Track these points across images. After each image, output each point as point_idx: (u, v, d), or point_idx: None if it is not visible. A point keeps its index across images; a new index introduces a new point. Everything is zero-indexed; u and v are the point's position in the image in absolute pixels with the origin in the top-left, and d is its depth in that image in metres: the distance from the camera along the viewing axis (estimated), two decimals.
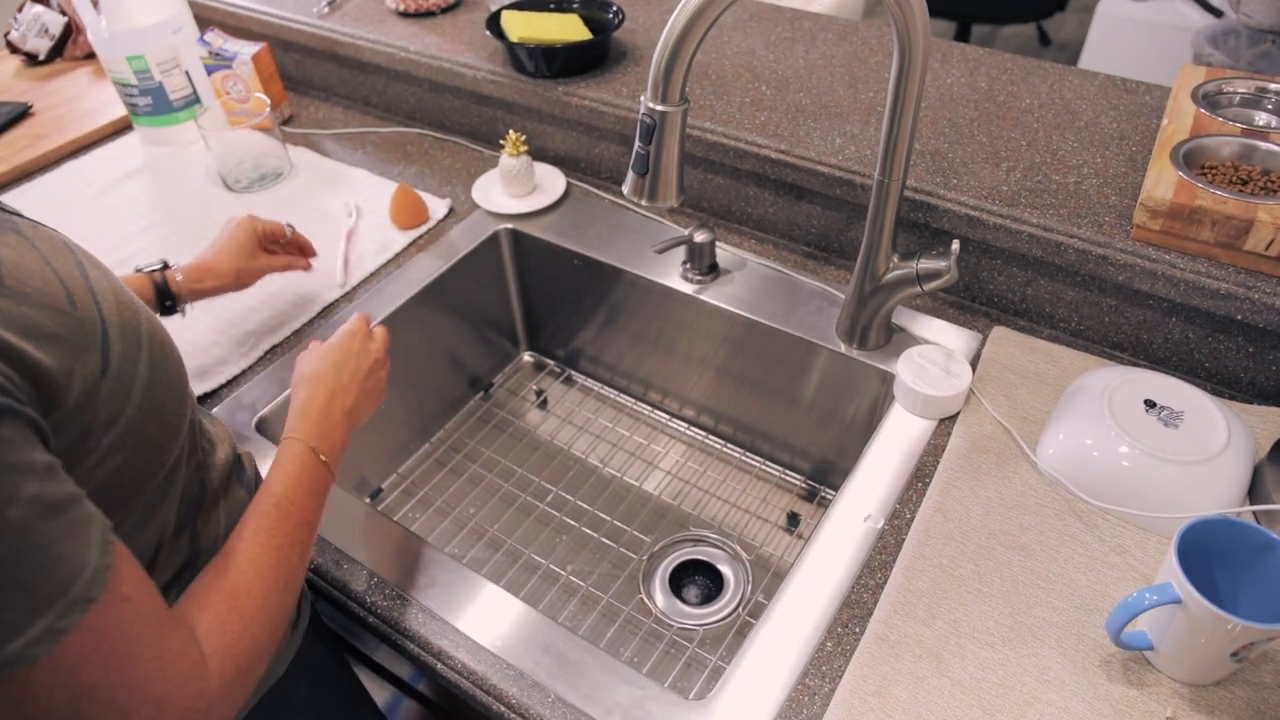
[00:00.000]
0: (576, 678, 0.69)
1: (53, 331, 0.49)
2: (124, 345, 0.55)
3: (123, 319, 0.56)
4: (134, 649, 0.49)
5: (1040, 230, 0.90)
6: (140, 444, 0.56)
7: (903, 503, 0.80)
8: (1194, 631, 0.61)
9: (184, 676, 0.51)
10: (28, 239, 0.54)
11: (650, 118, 0.69)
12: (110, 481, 0.54)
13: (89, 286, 0.55)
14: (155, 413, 0.57)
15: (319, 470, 0.69)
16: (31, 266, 0.52)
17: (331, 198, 1.23)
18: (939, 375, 0.86)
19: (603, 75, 1.18)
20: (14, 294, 0.48)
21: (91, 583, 0.46)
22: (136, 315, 0.58)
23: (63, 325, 0.50)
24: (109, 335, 0.54)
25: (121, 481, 0.55)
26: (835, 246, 1.09)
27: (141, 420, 0.55)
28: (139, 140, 1.39)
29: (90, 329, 0.53)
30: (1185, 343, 0.90)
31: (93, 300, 0.54)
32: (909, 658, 0.68)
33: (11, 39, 1.56)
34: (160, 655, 0.50)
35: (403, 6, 1.36)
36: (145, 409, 0.56)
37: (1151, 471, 0.74)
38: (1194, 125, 0.92)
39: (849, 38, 1.24)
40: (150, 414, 0.56)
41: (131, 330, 0.56)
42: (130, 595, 0.49)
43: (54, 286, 0.52)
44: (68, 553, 0.45)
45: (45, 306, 0.50)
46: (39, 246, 0.55)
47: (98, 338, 0.53)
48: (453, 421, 1.24)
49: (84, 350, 0.51)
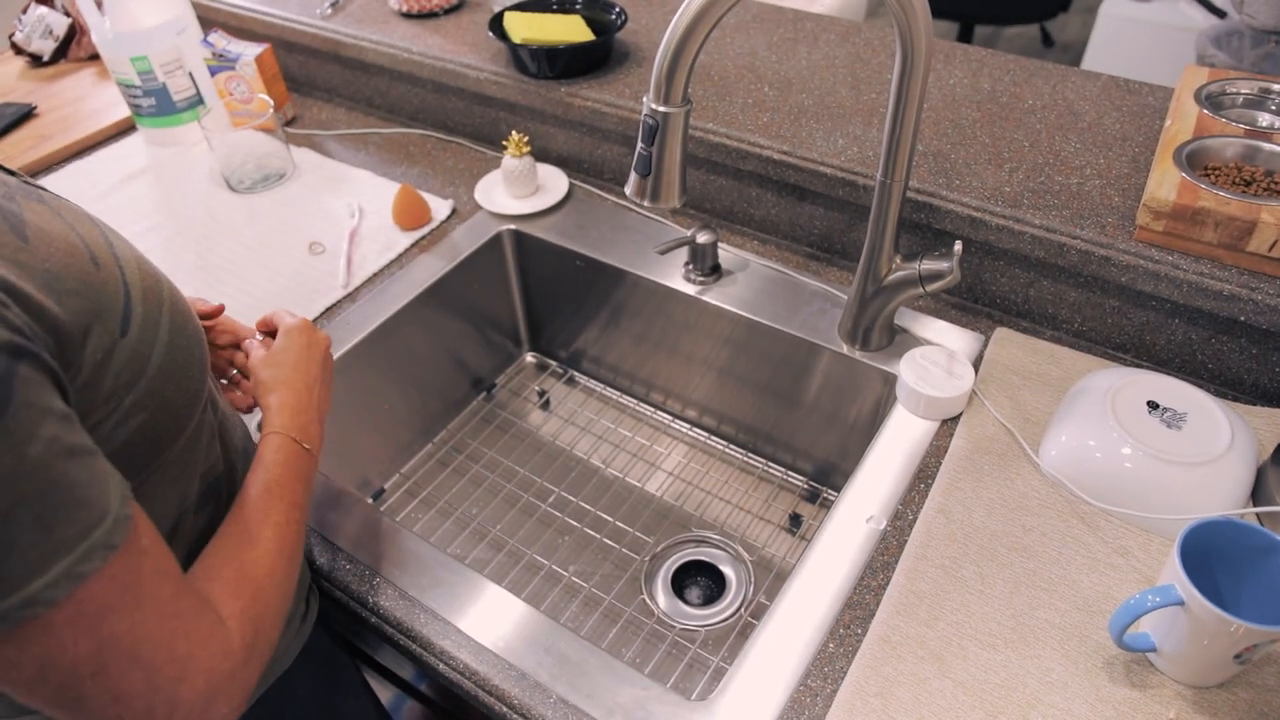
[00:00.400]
0: (578, 678, 0.70)
1: (74, 289, 0.50)
2: (145, 308, 0.56)
3: (145, 284, 0.57)
4: (159, 604, 0.49)
5: (1043, 231, 0.90)
6: (161, 406, 0.56)
7: (905, 504, 0.80)
8: (1197, 633, 0.61)
9: (206, 637, 0.51)
10: (53, 208, 0.56)
11: (653, 119, 0.69)
12: (132, 441, 0.55)
13: (112, 252, 0.56)
14: (175, 376, 0.58)
15: (303, 457, 0.70)
16: (56, 231, 0.53)
17: (334, 198, 1.23)
18: (941, 376, 0.86)
19: (605, 76, 1.18)
20: (37, 253, 0.49)
21: (114, 529, 0.46)
22: (158, 282, 0.59)
23: (85, 284, 0.51)
24: (131, 297, 0.55)
25: (143, 443, 0.56)
26: (838, 248, 1.09)
27: (162, 383, 0.56)
28: (143, 141, 1.39)
29: (113, 289, 0.54)
30: (1188, 344, 0.90)
31: (116, 264, 0.55)
32: (911, 659, 0.68)
33: (16, 40, 1.57)
34: (181, 612, 0.50)
35: (405, 8, 1.36)
36: (165, 372, 0.56)
37: (1154, 473, 0.74)
38: (1197, 126, 0.92)
39: (851, 39, 1.24)
40: (170, 377, 0.57)
41: (153, 295, 0.57)
42: (150, 548, 0.49)
43: (78, 249, 0.53)
44: (90, 497, 0.45)
45: (68, 265, 0.51)
46: (64, 215, 0.56)
47: (120, 299, 0.54)
48: (455, 422, 1.24)
49: (105, 310, 0.52)
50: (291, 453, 0.69)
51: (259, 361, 0.77)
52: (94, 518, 0.45)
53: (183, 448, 0.61)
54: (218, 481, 0.67)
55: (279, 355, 0.77)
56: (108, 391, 0.52)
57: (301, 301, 1.07)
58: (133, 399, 0.54)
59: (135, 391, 0.54)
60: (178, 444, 0.60)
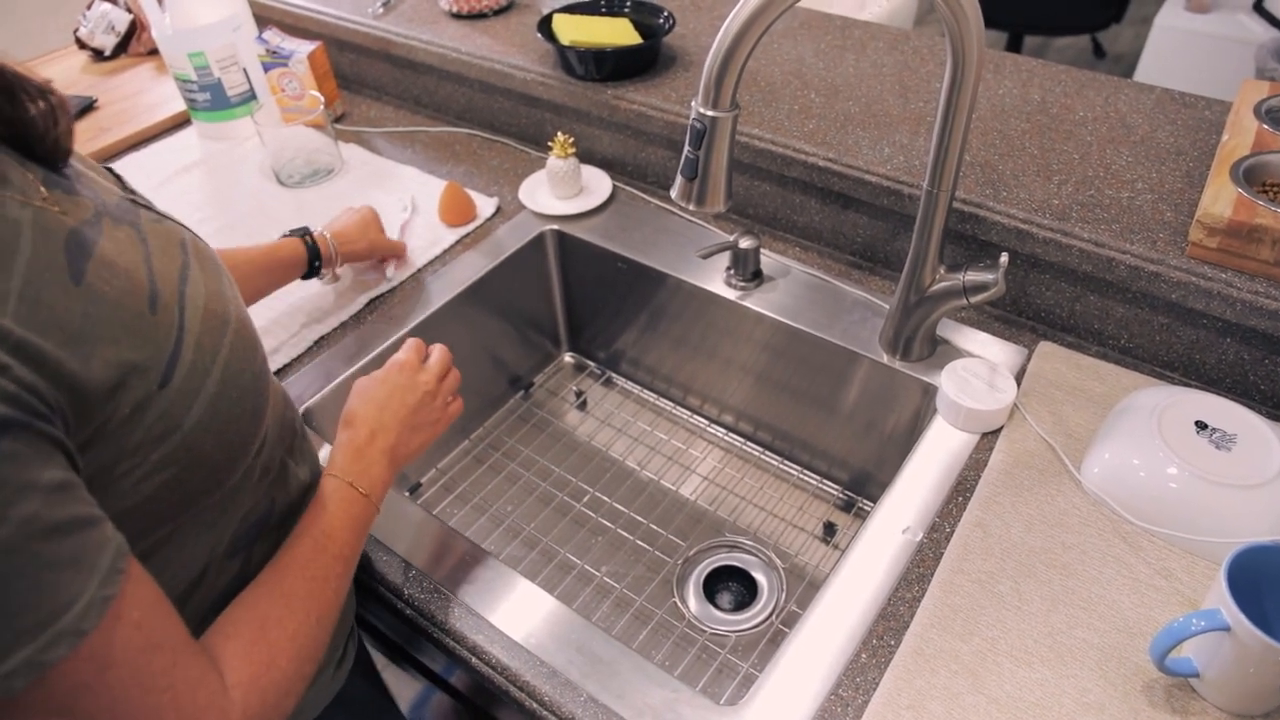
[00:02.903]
0: (609, 678, 0.70)
1: (115, 336, 0.48)
2: (196, 356, 0.53)
3: (205, 327, 0.55)
4: (143, 679, 0.47)
5: (1091, 245, 0.88)
6: (195, 462, 0.54)
7: (942, 516, 0.80)
8: (1242, 660, 0.60)
9: (201, 708, 0.49)
10: (141, 234, 0.54)
11: (701, 123, 0.69)
12: (156, 497, 0.52)
13: (180, 290, 0.54)
14: (217, 430, 0.55)
15: (358, 503, 0.67)
16: (125, 264, 0.51)
17: (381, 194, 1.25)
18: (983, 389, 0.85)
19: (652, 80, 1.19)
20: (88, 292, 0.47)
21: (85, 614, 0.44)
22: (224, 324, 0.57)
23: (130, 331, 0.49)
24: (182, 344, 0.52)
25: (167, 499, 0.53)
26: (881, 256, 1.08)
27: (199, 438, 0.53)
28: (197, 135, 1.42)
29: (163, 336, 0.51)
30: (1240, 364, 0.88)
31: (177, 307, 0.53)
32: (944, 673, 0.67)
33: (80, 35, 1.61)
34: (174, 685, 0.48)
35: (455, 8, 1.38)
36: (205, 426, 0.54)
37: (1201, 494, 0.73)
38: (1255, 141, 0.90)
39: (900, 46, 1.23)
40: (211, 431, 0.54)
41: (211, 340, 0.55)
42: (142, 622, 0.47)
43: (139, 289, 0.51)
44: (62, 581, 0.43)
45: (118, 309, 0.49)
46: (149, 243, 0.54)
47: (169, 347, 0.51)
48: (492, 419, 1.25)
49: (147, 359, 0.50)
50: (346, 499, 0.66)
51: (356, 386, 0.75)
52: (62, 603, 0.43)
53: (219, 500, 0.58)
54: (261, 521, 0.64)
55: (372, 387, 0.75)
56: (134, 444, 0.49)
57: (347, 294, 1.09)
58: (162, 454, 0.51)
59: (166, 446, 0.51)
60: (212, 498, 0.57)
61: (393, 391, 0.75)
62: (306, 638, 0.58)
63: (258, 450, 0.61)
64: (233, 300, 0.60)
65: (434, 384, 0.78)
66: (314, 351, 1.02)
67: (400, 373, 0.77)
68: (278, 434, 0.66)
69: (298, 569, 0.60)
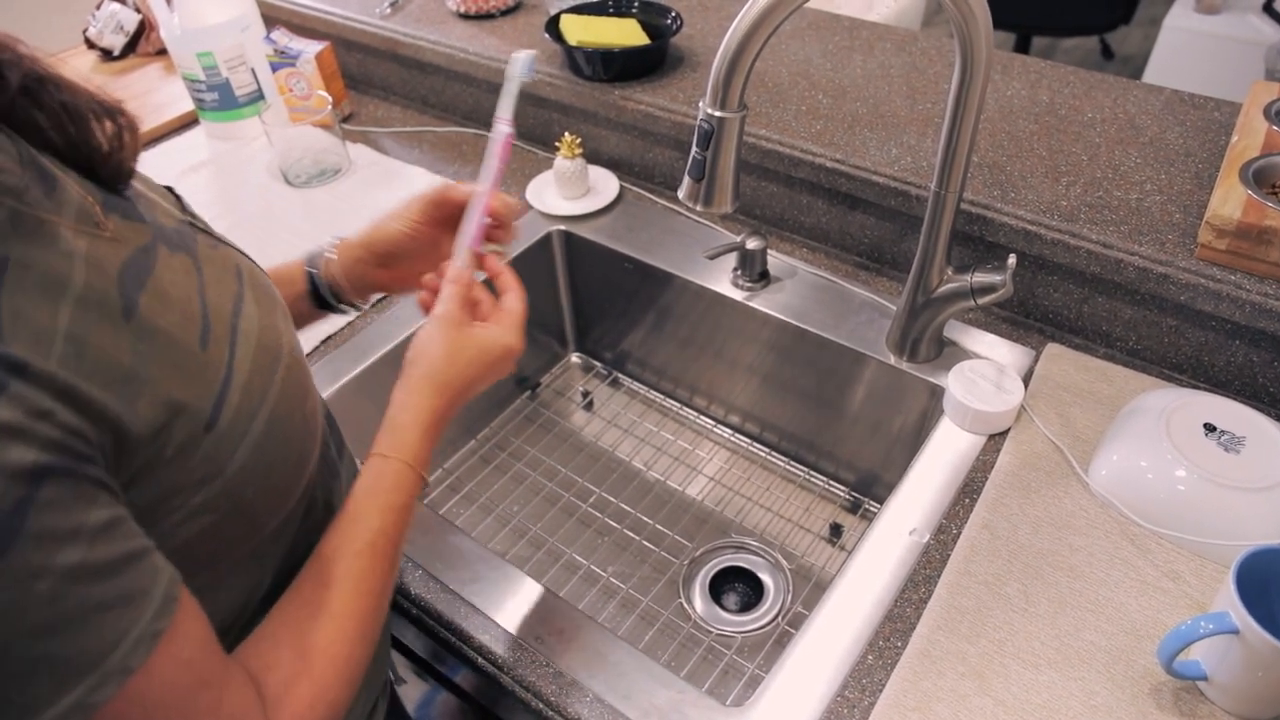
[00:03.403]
0: (615, 678, 0.70)
1: (162, 375, 0.46)
2: (243, 398, 0.51)
3: (256, 365, 0.52)
4: (189, 715, 0.45)
5: (1099, 247, 0.88)
6: (236, 509, 0.51)
7: (949, 518, 0.79)
8: (1251, 664, 0.60)
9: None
10: (197, 262, 0.53)
11: (708, 123, 0.69)
12: (193, 542, 0.49)
13: (232, 325, 0.52)
14: (261, 477, 0.52)
15: (417, 491, 0.61)
16: (179, 295, 0.50)
17: (388, 194, 1.25)
18: (990, 390, 0.85)
19: (659, 80, 1.19)
20: (138, 327, 0.46)
21: (133, 652, 0.42)
22: (275, 360, 0.54)
23: (178, 369, 0.47)
24: (229, 386, 0.50)
25: (204, 546, 0.51)
26: (888, 258, 1.08)
27: (241, 484, 0.51)
28: (204, 135, 1.43)
29: (212, 374, 0.49)
30: (1249, 366, 0.88)
31: (229, 343, 0.51)
32: (951, 675, 0.67)
33: (89, 35, 1.62)
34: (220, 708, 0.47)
35: (463, 8, 1.38)
36: (250, 471, 0.51)
37: (1209, 497, 0.72)
38: (1265, 143, 0.89)
39: (908, 47, 1.23)
40: (254, 477, 0.52)
41: (260, 380, 0.52)
42: (191, 659, 0.46)
43: (191, 322, 0.49)
44: (109, 621, 0.42)
45: (169, 345, 0.47)
46: (204, 271, 0.53)
47: (215, 387, 0.49)
48: (499, 420, 1.25)
49: (193, 399, 0.48)
50: (412, 492, 0.59)
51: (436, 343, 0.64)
52: (109, 643, 0.42)
53: (260, 544, 0.55)
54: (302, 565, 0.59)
55: (469, 355, 0.64)
56: (174, 486, 0.47)
57: None
58: (202, 499, 0.49)
59: (207, 491, 0.49)
60: (252, 543, 0.54)
61: (488, 372, 0.66)
62: (355, 663, 0.55)
63: (304, 493, 0.58)
64: (286, 334, 0.57)
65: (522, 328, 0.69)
66: (321, 350, 1.02)
67: (507, 333, 0.67)
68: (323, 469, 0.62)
69: (354, 583, 0.56)
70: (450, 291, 0.68)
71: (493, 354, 0.66)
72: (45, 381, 0.40)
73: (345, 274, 0.77)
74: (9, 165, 0.45)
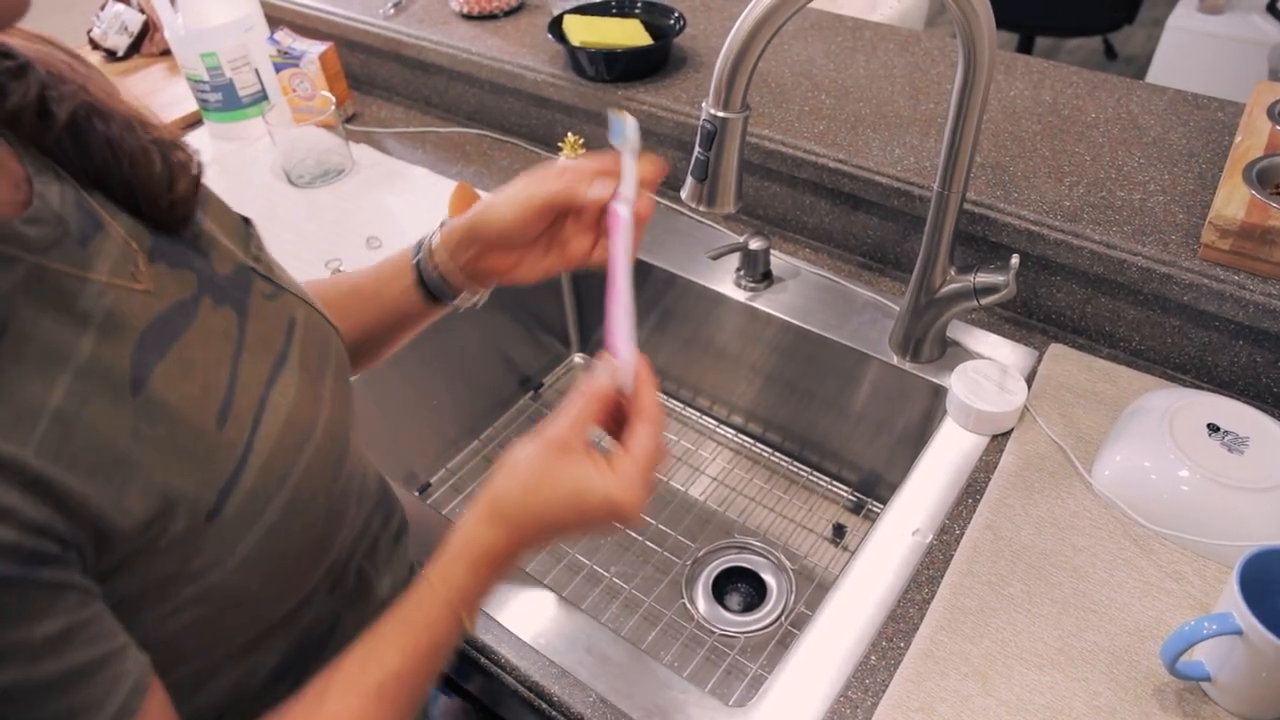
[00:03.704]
0: (618, 679, 0.70)
1: (163, 462, 0.42)
2: (258, 483, 0.46)
3: (278, 446, 0.47)
4: None
5: (1102, 247, 0.88)
6: (236, 601, 0.46)
7: (952, 518, 0.79)
8: (1255, 664, 0.60)
9: None
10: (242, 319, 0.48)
11: (711, 124, 0.69)
12: (180, 635, 0.44)
13: (261, 398, 0.47)
14: (269, 567, 0.47)
15: (455, 636, 0.52)
16: (206, 362, 0.45)
17: (392, 194, 1.26)
18: (993, 391, 0.85)
19: (662, 81, 1.19)
20: (145, 403, 0.42)
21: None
22: (303, 440, 0.49)
23: (185, 452, 0.43)
24: (243, 469, 0.45)
25: (195, 638, 0.46)
26: (891, 258, 1.08)
27: (244, 576, 0.45)
28: (208, 135, 1.43)
29: (222, 459, 0.44)
30: (1253, 367, 0.88)
31: (251, 420, 0.46)
32: (954, 675, 0.67)
33: (93, 36, 1.62)
34: None
35: (466, 9, 1.38)
36: (255, 562, 0.46)
37: (1213, 497, 0.72)
38: (1269, 143, 0.89)
39: (911, 48, 1.23)
40: (261, 568, 0.46)
41: (280, 464, 0.47)
42: None
43: (213, 395, 0.45)
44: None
45: (179, 422, 0.43)
46: (247, 330, 0.48)
47: (225, 473, 0.44)
48: (502, 420, 1.26)
49: (198, 486, 0.43)
50: (447, 635, 0.51)
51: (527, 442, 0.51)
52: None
53: (263, 632, 0.50)
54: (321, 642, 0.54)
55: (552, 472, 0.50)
56: (165, 578, 0.42)
57: None
58: (196, 590, 0.43)
59: (202, 583, 0.43)
60: (253, 633, 0.49)
61: (578, 522, 0.52)
62: None
63: (325, 574, 0.53)
64: (327, 402, 0.52)
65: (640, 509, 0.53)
66: None
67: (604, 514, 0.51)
68: (355, 540, 0.57)
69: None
70: (577, 409, 0.52)
71: (588, 502, 0.50)
72: (13, 472, 0.36)
73: (454, 261, 0.67)
74: (44, 213, 0.41)
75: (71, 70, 0.45)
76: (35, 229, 0.41)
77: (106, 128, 0.45)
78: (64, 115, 0.43)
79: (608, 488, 0.50)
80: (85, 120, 0.44)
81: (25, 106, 0.43)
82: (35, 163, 0.43)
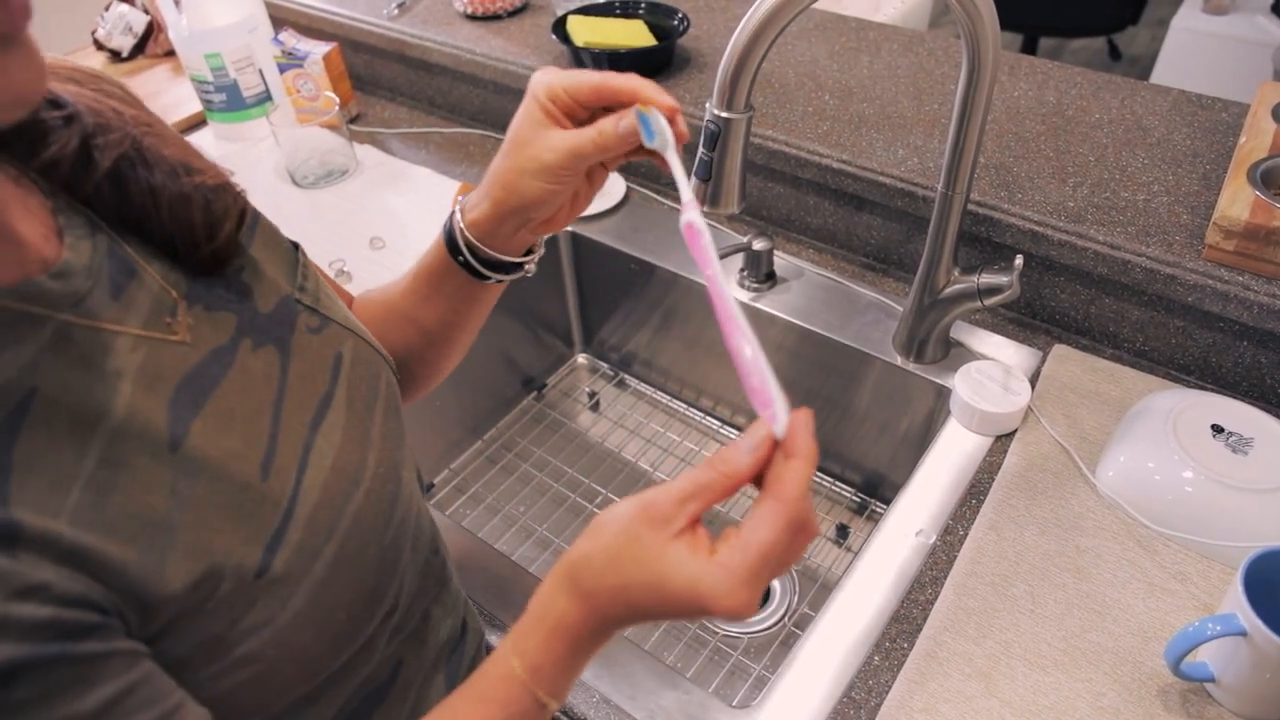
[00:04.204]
0: (622, 680, 0.70)
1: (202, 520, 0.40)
2: (305, 535, 0.44)
3: (325, 496, 0.46)
4: None
5: (1106, 248, 0.88)
6: (288, 657, 0.44)
7: (955, 519, 0.79)
8: (1259, 665, 0.59)
9: None
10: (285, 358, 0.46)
11: (715, 124, 0.69)
12: (234, 692, 0.43)
13: (306, 443, 0.45)
14: (321, 621, 0.45)
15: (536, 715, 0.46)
16: (246, 411, 0.44)
17: (395, 195, 1.26)
18: (997, 391, 0.85)
19: (666, 81, 1.19)
20: (184, 460, 0.40)
21: None
22: (350, 488, 0.47)
23: (226, 508, 0.41)
24: (290, 522, 0.43)
25: (249, 695, 0.44)
26: (894, 258, 1.08)
27: (295, 632, 0.44)
28: (212, 135, 1.43)
29: (268, 512, 0.43)
30: (1257, 367, 0.87)
31: (296, 469, 0.44)
32: (958, 676, 0.67)
33: (98, 36, 1.62)
34: None
35: (470, 10, 1.38)
36: (308, 616, 0.44)
37: (1217, 498, 0.72)
38: (1273, 144, 0.89)
39: (914, 48, 1.23)
40: (313, 622, 0.45)
41: (327, 516, 0.45)
42: None
43: (255, 446, 0.43)
44: None
45: (221, 476, 0.41)
46: (290, 370, 0.46)
47: (270, 527, 0.43)
48: (505, 420, 1.26)
49: (242, 543, 0.41)
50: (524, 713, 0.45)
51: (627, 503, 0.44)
52: None
53: (317, 688, 0.48)
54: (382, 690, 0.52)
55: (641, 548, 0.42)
56: (213, 637, 0.41)
57: None
58: (247, 649, 0.42)
59: (254, 641, 0.42)
60: (309, 687, 0.47)
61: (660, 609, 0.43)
62: None
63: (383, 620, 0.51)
64: (376, 442, 0.50)
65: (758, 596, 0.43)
66: None
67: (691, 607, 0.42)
68: (418, 585, 0.55)
69: None
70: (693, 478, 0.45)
71: (670, 590, 0.42)
72: (46, 545, 0.35)
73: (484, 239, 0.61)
74: (75, 265, 0.40)
75: (119, 117, 0.43)
76: (64, 284, 0.39)
77: (150, 175, 0.44)
78: (106, 164, 0.42)
79: (697, 579, 0.41)
80: (129, 168, 0.43)
81: (64, 157, 0.41)
82: (69, 210, 0.42)
